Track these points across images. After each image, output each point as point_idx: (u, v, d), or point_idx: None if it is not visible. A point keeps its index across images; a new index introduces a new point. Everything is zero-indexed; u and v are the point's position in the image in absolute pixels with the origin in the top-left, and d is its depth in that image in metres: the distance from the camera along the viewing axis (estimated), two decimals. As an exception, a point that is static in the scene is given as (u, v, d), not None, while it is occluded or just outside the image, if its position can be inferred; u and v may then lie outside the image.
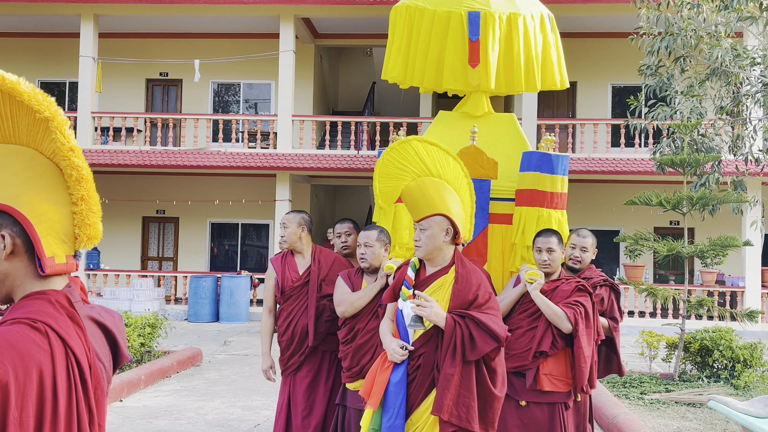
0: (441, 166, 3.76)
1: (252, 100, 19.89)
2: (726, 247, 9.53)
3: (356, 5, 16.65)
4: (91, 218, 1.73)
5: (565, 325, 4.18)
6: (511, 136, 5.23)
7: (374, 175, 3.83)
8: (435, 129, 5.26)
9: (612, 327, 4.76)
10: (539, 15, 5.15)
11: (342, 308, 4.48)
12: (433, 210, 3.58)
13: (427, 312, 3.41)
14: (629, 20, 15.22)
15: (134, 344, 9.38)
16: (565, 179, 4.81)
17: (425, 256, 3.62)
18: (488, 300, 3.56)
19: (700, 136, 10.75)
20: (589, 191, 17.90)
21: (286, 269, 5.09)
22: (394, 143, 3.82)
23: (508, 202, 4.87)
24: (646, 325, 14.61)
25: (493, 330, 3.42)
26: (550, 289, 4.35)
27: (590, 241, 4.91)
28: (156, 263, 19.82)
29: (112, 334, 1.81)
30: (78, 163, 1.72)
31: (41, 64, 19.87)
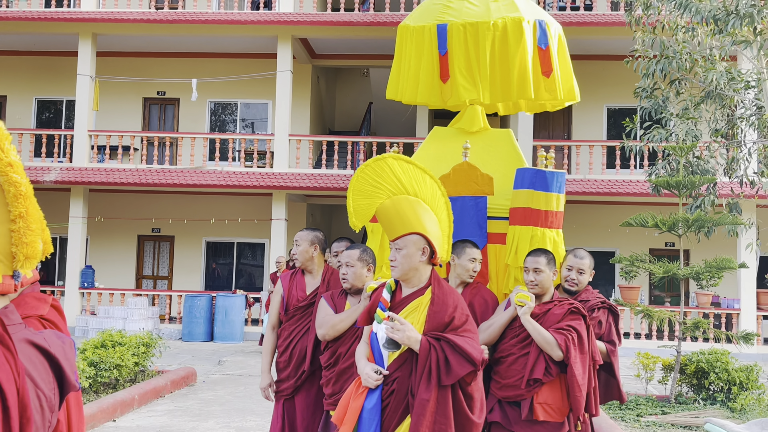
0: (417, 185, 3.64)
1: (249, 120, 19.94)
2: (721, 269, 9.54)
3: (353, 26, 16.75)
4: (29, 237, 1.62)
5: (556, 353, 3.95)
6: (508, 153, 5.04)
7: (348, 192, 3.68)
8: (429, 145, 5.12)
9: (610, 351, 4.52)
10: (533, 23, 4.87)
11: (323, 330, 4.33)
12: (409, 229, 3.47)
13: (400, 335, 3.30)
14: (625, 43, 15.33)
15: (128, 363, 9.32)
16: (561, 197, 4.60)
17: (401, 277, 3.49)
18: (465, 322, 3.42)
19: (696, 159, 10.80)
20: (584, 212, 17.93)
21: (293, 287, 4.91)
22: (369, 161, 3.69)
23: (503, 221, 4.68)
24: (642, 346, 14.59)
25: (469, 353, 3.29)
26: (541, 313, 4.12)
27: (587, 262, 4.63)
28: (151, 282, 19.76)
29: (56, 361, 1.70)
30: (16, 179, 1.61)
31: (39, 82, 19.92)
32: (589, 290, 4.69)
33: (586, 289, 4.69)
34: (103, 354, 9.07)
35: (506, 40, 4.73)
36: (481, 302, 4.35)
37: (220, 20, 16.86)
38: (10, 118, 19.98)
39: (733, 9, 9.32)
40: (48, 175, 16.72)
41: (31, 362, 1.64)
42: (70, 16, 17.02)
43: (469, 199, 4.65)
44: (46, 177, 16.64)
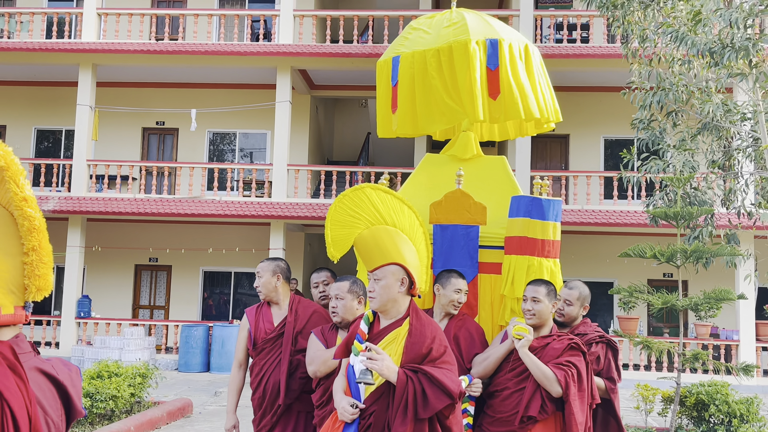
0: (395, 215, 3.62)
1: (247, 149, 20.00)
2: (720, 301, 9.51)
3: (351, 58, 16.89)
4: (42, 269, 1.70)
5: (555, 389, 3.81)
6: (502, 180, 4.93)
7: (326, 223, 3.64)
8: (421, 172, 5.02)
9: (609, 389, 4.33)
10: (482, 44, 4.64)
11: (314, 367, 4.16)
12: (388, 259, 3.44)
13: (378, 365, 3.22)
14: (621, 75, 15.45)
15: (124, 394, 9.25)
16: (558, 225, 4.49)
17: (379, 308, 3.43)
18: (443, 354, 3.35)
19: (693, 190, 10.83)
20: (582, 243, 17.93)
21: (260, 320, 4.70)
22: (346, 191, 3.69)
23: (497, 250, 4.54)
24: (642, 378, 14.50)
25: (446, 385, 3.22)
26: (540, 347, 3.98)
27: (576, 293, 4.49)
28: (147, 312, 19.66)
29: (64, 388, 1.77)
30: (31, 213, 1.69)
31: (38, 112, 20.01)
32: (587, 323, 4.53)
33: (584, 321, 4.53)
34: (99, 384, 9.00)
35: (452, 65, 4.62)
36: (466, 335, 4.21)
37: (220, 51, 16.98)
38: (10, 147, 19.97)
39: (728, 42, 9.41)
40: (46, 204, 16.72)
41: (41, 389, 1.70)
42: (70, 47, 17.14)
43: (460, 227, 4.54)
44: (45, 206, 16.63)
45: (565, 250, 17.43)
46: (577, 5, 18.64)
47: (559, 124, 19.08)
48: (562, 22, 17.94)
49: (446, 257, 4.50)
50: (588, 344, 4.29)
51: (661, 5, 10.44)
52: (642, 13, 10.65)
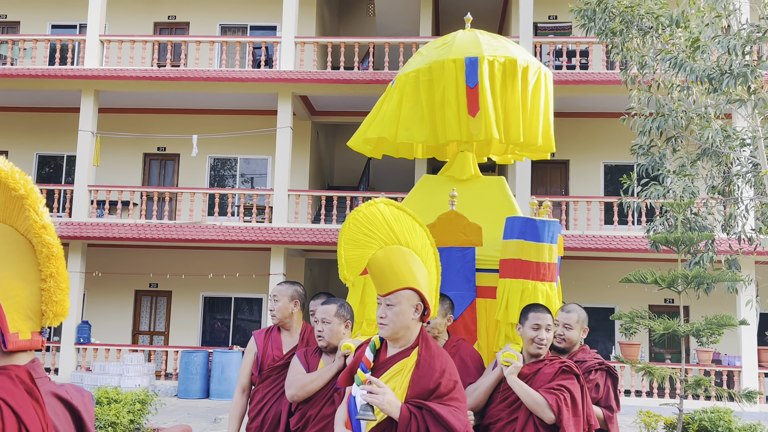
0: (408, 233, 3.37)
1: (248, 175, 20.05)
2: (722, 326, 9.48)
3: (352, 84, 16.99)
4: (59, 295, 1.74)
5: (547, 415, 3.61)
6: (499, 201, 4.80)
7: (339, 242, 3.40)
8: (417, 194, 4.91)
9: (607, 417, 4.13)
10: (459, 62, 4.63)
11: (292, 391, 3.94)
12: (403, 283, 3.17)
13: (378, 400, 2.95)
14: (621, 101, 15.54)
15: (123, 421, 9.18)
16: (554, 247, 4.32)
17: (390, 336, 3.16)
18: (452, 389, 3.09)
19: (693, 215, 10.84)
20: (583, 268, 17.91)
21: (269, 345, 4.49)
22: (360, 206, 3.41)
23: (494, 274, 4.39)
24: (644, 404, 14.42)
25: (452, 425, 2.97)
26: (531, 373, 3.79)
27: (575, 316, 4.29)
28: (147, 337, 19.59)
29: (78, 413, 1.80)
30: (49, 240, 1.73)
31: (40, 137, 20.09)
32: (586, 350, 4.36)
33: (583, 348, 4.36)
34: (98, 411, 8.94)
35: (432, 84, 4.65)
36: (459, 362, 4.01)
37: (222, 78, 17.09)
38: (11, 173, 20.04)
39: (727, 68, 9.48)
40: (47, 229, 16.70)
41: (56, 414, 1.73)
42: (73, 74, 17.25)
43: (456, 250, 4.39)
44: (45, 232, 16.61)
45: (566, 276, 17.45)
46: (576, 32, 18.80)
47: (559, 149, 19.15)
48: (561, 49, 18.08)
49: (442, 281, 4.27)
50: (587, 372, 4.14)
51: (659, 32, 10.54)
52: (641, 40, 10.74)
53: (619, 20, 10.65)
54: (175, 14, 20.62)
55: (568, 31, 19.77)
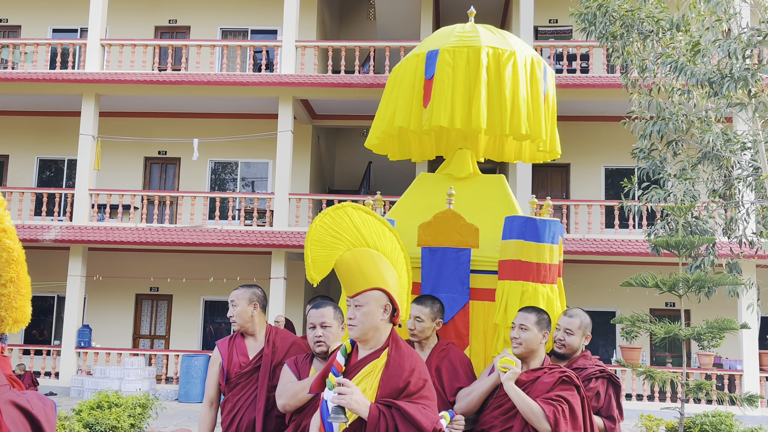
0: (377, 237, 3.37)
1: (249, 179, 20.06)
2: (723, 330, 9.47)
3: (353, 88, 17.01)
4: (19, 301, 1.68)
5: (543, 426, 3.48)
6: (499, 200, 4.62)
7: (305, 243, 3.37)
8: (413, 192, 4.77)
9: (609, 428, 3.95)
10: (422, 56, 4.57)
11: (283, 401, 3.76)
12: (371, 284, 3.20)
13: (347, 400, 2.95)
14: (621, 105, 15.55)
15: (124, 425, 9.18)
16: (555, 248, 4.17)
17: (360, 337, 3.16)
18: (421, 388, 3.08)
19: (694, 219, 10.84)
20: (584, 272, 17.90)
21: (233, 353, 4.28)
22: (327, 209, 3.42)
23: (492, 275, 4.21)
24: (645, 408, 14.39)
25: (420, 423, 2.95)
26: (528, 381, 3.64)
27: (577, 322, 4.10)
28: (148, 341, 19.59)
29: (38, 423, 1.74)
30: (10, 244, 1.67)
31: (41, 141, 20.11)
32: (587, 356, 4.17)
33: (584, 354, 4.17)
34: (98, 415, 8.94)
35: (396, 78, 4.77)
36: (449, 366, 3.90)
37: (222, 81, 17.11)
38: (12, 177, 20.10)
39: (727, 72, 9.49)
40: (48, 233, 16.73)
41: (14, 424, 1.68)
42: (74, 78, 17.28)
43: (450, 251, 4.24)
44: (46, 236, 16.64)
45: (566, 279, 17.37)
46: (576, 36, 18.81)
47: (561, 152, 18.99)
48: (562, 53, 18.09)
49: (435, 282, 4.23)
50: (587, 379, 3.97)
51: (660, 36, 10.54)
52: (641, 43, 10.75)
53: (619, 24, 10.66)
54: (175, 18, 20.65)
55: (568, 34, 19.78)
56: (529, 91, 4.49)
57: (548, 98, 4.63)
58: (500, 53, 4.45)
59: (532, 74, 4.52)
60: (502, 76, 4.40)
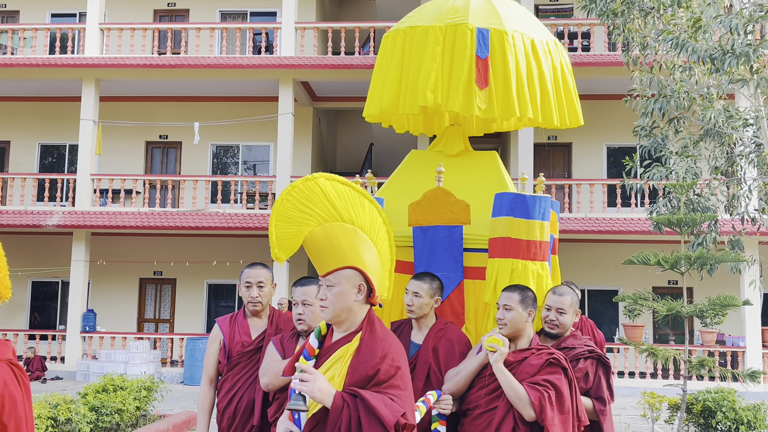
0: (354, 210, 3.11)
1: (251, 162, 20.05)
2: (725, 307, 9.49)
3: (353, 69, 16.94)
4: None
5: (527, 411, 3.40)
6: (491, 177, 4.50)
7: (270, 218, 3.13)
8: (404, 170, 4.65)
9: (599, 410, 3.79)
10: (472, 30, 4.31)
11: (266, 379, 3.69)
12: (343, 262, 2.95)
13: (308, 387, 2.75)
14: (623, 82, 15.47)
15: (130, 408, 9.23)
16: (545, 225, 4.03)
17: (332, 319, 2.95)
18: (392, 376, 2.85)
19: (696, 196, 10.82)
20: (586, 251, 17.91)
21: (235, 331, 4.24)
22: (296, 181, 3.16)
23: (483, 254, 4.12)
24: (647, 385, 14.45)
25: (382, 417, 2.73)
26: (516, 361, 3.54)
27: (568, 300, 3.92)
28: (152, 325, 19.67)
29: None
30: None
31: (42, 127, 20.08)
32: (577, 336, 4.00)
33: (573, 334, 4.00)
34: (104, 398, 8.99)
35: (452, 47, 4.33)
36: (447, 346, 3.81)
37: (222, 64, 17.05)
38: (14, 162, 20.10)
39: (729, 48, 9.43)
40: (50, 219, 16.76)
41: None
42: (73, 62, 17.22)
43: (442, 228, 4.15)
44: (49, 221, 16.67)
45: (568, 258, 17.44)
46: (578, 14, 18.69)
47: (562, 132, 18.99)
48: (562, 31, 17.98)
49: (428, 262, 4.15)
50: (576, 359, 3.82)
51: (661, 13, 10.47)
52: (642, 20, 10.68)
53: (620, 1, 10.58)
54: (174, 1, 20.55)
55: (569, 12, 19.66)
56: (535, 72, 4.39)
57: (562, 71, 4.54)
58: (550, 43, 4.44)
59: (534, 52, 4.40)
60: (506, 59, 4.29)
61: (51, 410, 7.87)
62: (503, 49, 4.27)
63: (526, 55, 4.32)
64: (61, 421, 7.95)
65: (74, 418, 8.14)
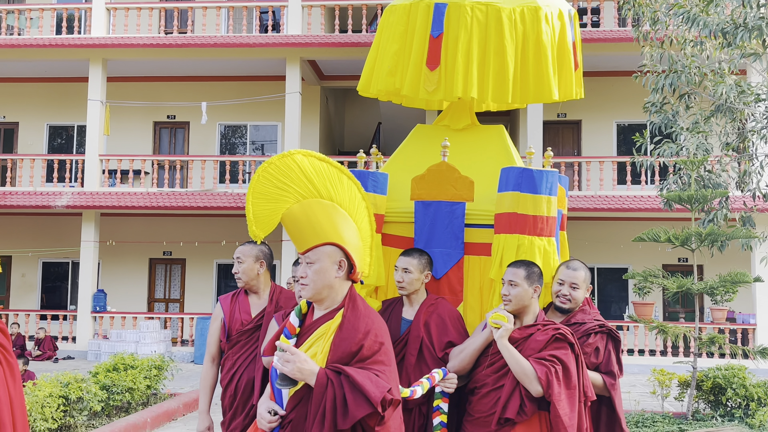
0: (332, 186, 3.09)
1: (258, 142, 20.01)
2: (736, 284, 9.45)
3: (361, 47, 16.82)
4: None
5: (534, 387, 3.37)
6: (498, 151, 4.40)
7: (247, 195, 3.11)
8: (408, 144, 4.59)
9: (609, 384, 3.74)
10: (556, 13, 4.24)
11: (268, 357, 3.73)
12: (322, 239, 2.94)
13: (289, 368, 2.75)
14: (633, 58, 15.32)
15: (140, 386, 9.29)
16: (552, 200, 3.94)
17: (313, 296, 2.94)
18: (376, 352, 2.84)
19: (707, 173, 10.74)
20: (596, 229, 17.84)
21: (236, 309, 4.25)
22: (273, 157, 3.12)
23: (487, 229, 4.05)
24: (657, 363, 14.43)
25: (368, 392, 2.71)
26: (522, 338, 3.51)
27: (582, 275, 3.85)
28: (162, 305, 19.76)
29: None
30: None
31: (50, 108, 20.08)
32: (586, 311, 3.94)
33: (582, 309, 3.94)
34: (115, 377, 9.04)
35: (525, 31, 4.18)
36: (438, 320, 3.81)
37: (229, 43, 16.97)
38: (23, 143, 20.13)
39: (741, 22, 9.30)
40: (60, 200, 16.79)
41: None
42: (80, 43, 17.17)
43: (444, 204, 4.09)
44: (58, 202, 16.71)
45: (578, 236, 17.39)
46: (587, -11, 18.48)
47: (571, 109, 18.86)
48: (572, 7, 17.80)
49: (428, 237, 4.09)
50: (586, 334, 3.78)
51: (672, -14, 10.35)
52: (653, -6, 10.55)
53: (630, -25, 10.46)
54: (180, -20, 20.43)
55: (579, -12, 19.43)
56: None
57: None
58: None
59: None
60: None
61: (62, 389, 7.93)
62: (458, 25, 4.16)
63: (485, 28, 4.18)
64: (73, 399, 8.01)
65: (85, 396, 8.20)
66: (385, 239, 4.19)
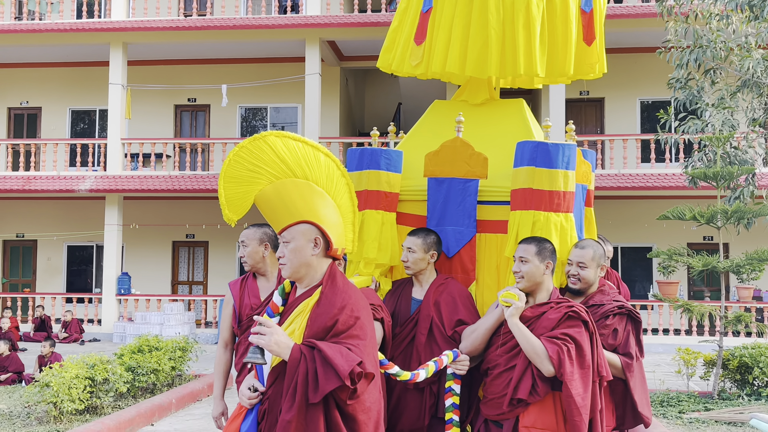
0: (307, 165, 3.06)
1: (279, 124, 20.02)
2: (763, 262, 9.32)
3: (380, 27, 16.72)
4: None
5: (546, 366, 3.27)
6: (516, 126, 4.25)
7: (219, 180, 3.11)
8: (426, 120, 4.52)
9: (626, 365, 3.64)
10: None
11: None
12: (296, 217, 2.95)
13: (264, 341, 2.76)
14: (657, 34, 15.10)
15: (165, 368, 9.38)
16: (570, 174, 3.79)
17: (292, 275, 2.96)
18: (351, 326, 2.83)
19: (733, 149, 10.58)
20: (620, 208, 17.68)
21: (245, 294, 4.25)
22: (244, 141, 3.10)
23: (503, 206, 3.94)
24: (682, 342, 14.32)
25: (336, 366, 2.70)
26: (534, 316, 3.43)
27: (590, 253, 3.74)
28: (186, 287, 19.92)
29: None
30: None
31: (72, 92, 20.20)
32: (605, 291, 3.83)
33: (601, 289, 3.83)
34: (140, 359, 9.13)
35: (513, 3, 4.09)
36: (448, 299, 3.77)
37: (248, 25, 16.94)
38: (46, 128, 20.29)
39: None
40: (83, 183, 16.93)
41: None
42: (100, 26, 17.23)
43: (457, 181, 3.99)
44: (81, 186, 16.85)
45: (602, 215, 17.25)
46: (609, -36, 18.20)
47: (594, 87, 18.68)
48: (594, -17, 17.55)
49: (440, 215, 4.01)
50: (604, 316, 3.67)
51: (697, -41, 10.15)
52: (677, -32, 10.37)
53: (654, -52, 10.27)
54: (199, -38, 20.39)
55: (601, -37, 19.15)
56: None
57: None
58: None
59: None
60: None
61: (88, 370, 8.02)
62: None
63: (470, 1, 4.12)
64: (99, 380, 8.10)
65: (111, 378, 8.29)
66: (400, 218, 4.13)
